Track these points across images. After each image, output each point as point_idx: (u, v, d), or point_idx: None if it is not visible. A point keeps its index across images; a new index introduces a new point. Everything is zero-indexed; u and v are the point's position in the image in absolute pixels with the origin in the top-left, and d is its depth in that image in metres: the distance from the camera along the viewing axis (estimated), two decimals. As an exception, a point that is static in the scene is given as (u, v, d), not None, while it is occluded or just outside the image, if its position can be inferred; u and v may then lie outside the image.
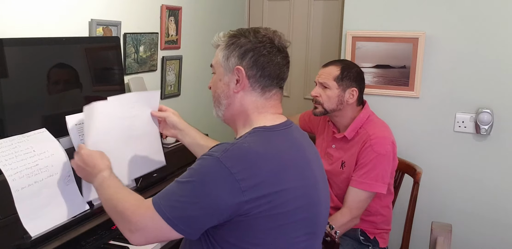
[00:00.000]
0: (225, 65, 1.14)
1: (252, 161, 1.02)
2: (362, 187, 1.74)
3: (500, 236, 2.18)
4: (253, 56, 1.11)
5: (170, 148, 1.89)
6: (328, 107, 1.83)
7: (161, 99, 2.34)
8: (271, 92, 1.15)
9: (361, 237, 1.86)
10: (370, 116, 1.86)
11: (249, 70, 1.12)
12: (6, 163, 1.21)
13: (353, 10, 2.29)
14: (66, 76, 1.62)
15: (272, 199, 1.01)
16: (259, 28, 1.16)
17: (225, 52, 1.14)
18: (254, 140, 1.07)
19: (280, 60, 1.14)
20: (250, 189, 0.99)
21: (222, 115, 1.20)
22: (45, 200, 1.29)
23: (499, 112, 2.09)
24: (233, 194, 0.99)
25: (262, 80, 1.13)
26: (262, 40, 1.13)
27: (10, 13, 1.53)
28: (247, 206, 1.00)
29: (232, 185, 0.99)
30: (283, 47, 1.16)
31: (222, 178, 0.99)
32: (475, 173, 2.19)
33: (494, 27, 2.05)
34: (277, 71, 1.14)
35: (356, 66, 1.88)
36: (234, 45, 1.13)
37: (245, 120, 1.16)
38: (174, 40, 2.36)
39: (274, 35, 1.16)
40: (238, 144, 1.04)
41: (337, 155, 1.89)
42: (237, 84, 1.13)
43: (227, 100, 1.16)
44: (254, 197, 1.00)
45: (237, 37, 1.14)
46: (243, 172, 1.00)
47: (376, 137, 1.76)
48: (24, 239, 1.22)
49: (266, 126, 1.12)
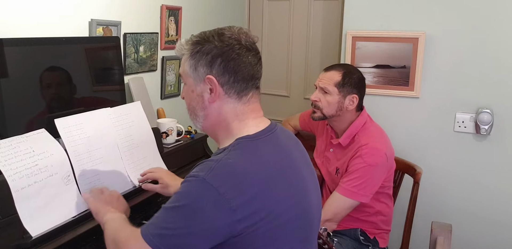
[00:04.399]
0: (194, 76, 1.07)
1: (239, 177, 0.97)
2: (343, 193, 1.72)
3: (500, 236, 2.18)
4: (222, 62, 1.04)
5: (170, 148, 1.89)
6: (327, 113, 1.82)
7: (161, 99, 2.34)
8: (248, 95, 1.09)
9: (361, 237, 1.86)
10: (366, 124, 1.83)
11: (221, 78, 1.05)
12: (5, 163, 1.21)
13: (353, 10, 2.29)
14: (66, 76, 1.62)
15: (265, 213, 0.98)
16: (223, 30, 1.08)
17: (192, 62, 1.07)
18: (239, 153, 1.02)
19: (252, 59, 1.07)
20: (241, 206, 0.95)
21: (201, 126, 1.14)
22: (45, 200, 1.29)
23: (499, 112, 2.09)
24: (224, 215, 0.94)
25: (237, 85, 1.06)
26: (229, 43, 1.05)
27: (10, 13, 1.53)
28: (240, 226, 0.95)
29: (222, 205, 0.94)
30: (251, 44, 1.08)
31: (211, 199, 0.94)
32: (475, 173, 2.19)
33: (494, 27, 2.05)
34: (250, 72, 1.07)
35: (358, 72, 1.86)
36: (200, 53, 1.05)
37: (226, 130, 1.10)
38: (174, 40, 2.36)
39: (240, 34, 1.07)
40: (223, 160, 0.99)
41: (333, 160, 1.89)
42: (211, 93, 1.06)
43: (204, 111, 1.10)
44: (246, 215, 0.95)
45: (200, 43, 1.06)
46: (232, 190, 0.95)
47: (367, 147, 1.73)
48: (24, 239, 1.22)
49: (250, 135, 1.07)
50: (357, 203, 1.73)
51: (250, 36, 1.09)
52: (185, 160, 1.98)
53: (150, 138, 1.74)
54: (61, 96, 1.60)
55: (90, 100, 1.70)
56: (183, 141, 1.99)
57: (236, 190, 0.95)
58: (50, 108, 1.55)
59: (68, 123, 1.47)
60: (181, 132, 2.01)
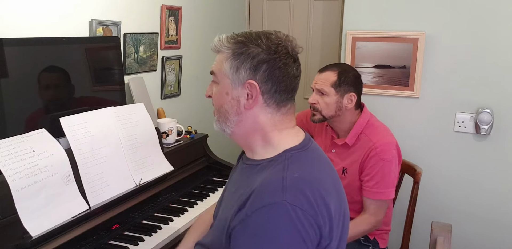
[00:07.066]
0: (233, 78, 0.99)
1: (313, 193, 0.92)
2: (377, 197, 1.75)
3: (500, 236, 2.18)
4: (267, 69, 0.97)
5: (170, 148, 1.89)
6: (326, 115, 1.81)
7: (161, 99, 2.34)
8: (287, 107, 1.03)
9: (361, 238, 1.86)
10: (369, 121, 1.83)
11: (263, 85, 0.98)
12: (5, 163, 1.21)
13: (353, 10, 2.29)
14: (66, 76, 1.62)
15: (331, 227, 0.95)
16: (270, 34, 1.01)
17: (234, 62, 0.99)
18: (298, 167, 0.97)
19: (295, 71, 1.01)
20: (323, 225, 0.92)
21: (230, 132, 1.05)
22: (45, 200, 1.29)
23: (499, 112, 2.09)
24: (315, 234, 0.91)
25: (277, 96, 1.00)
26: (278, 50, 0.98)
27: (10, 13, 1.53)
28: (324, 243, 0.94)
29: (311, 225, 0.90)
30: (297, 55, 1.03)
31: (305, 221, 0.89)
32: (475, 173, 2.19)
33: (494, 27, 2.05)
34: (292, 84, 1.01)
35: (353, 70, 1.85)
36: (245, 55, 0.98)
37: (263, 139, 1.04)
38: (174, 40, 2.36)
39: (287, 41, 1.01)
40: (289, 177, 0.93)
41: (337, 160, 1.88)
42: (249, 99, 1.00)
43: (238, 117, 1.02)
44: (327, 232, 0.94)
45: (246, 45, 0.99)
46: (312, 208, 0.91)
47: (380, 144, 1.75)
48: (24, 239, 1.22)
49: (297, 146, 1.02)
50: (390, 200, 1.79)
51: (296, 46, 1.03)
52: (185, 160, 1.98)
53: (153, 137, 1.74)
54: (61, 96, 1.60)
55: (90, 100, 1.70)
56: (183, 141, 1.99)
57: (314, 208, 0.92)
58: (50, 109, 1.55)
59: (73, 122, 1.48)
60: (181, 132, 2.00)
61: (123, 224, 1.54)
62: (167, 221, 1.61)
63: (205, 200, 1.83)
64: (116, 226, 1.51)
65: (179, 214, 1.68)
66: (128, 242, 1.45)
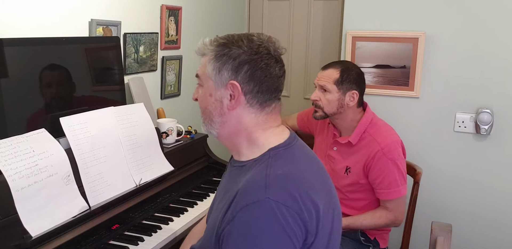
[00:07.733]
0: (216, 79, 1.01)
1: (297, 189, 0.93)
2: (392, 197, 1.76)
3: (500, 236, 2.18)
4: (249, 69, 0.99)
5: (170, 148, 1.89)
6: (328, 111, 1.82)
7: (161, 99, 2.34)
8: (271, 107, 1.04)
9: (362, 238, 1.86)
10: (373, 120, 1.84)
11: (245, 86, 0.99)
12: (5, 163, 1.21)
13: (353, 10, 2.29)
14: (66, 76, 1.62)
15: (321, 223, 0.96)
16: (252, 36, 1.02)
17: (216, 64, 1.00)
18: (282, 164, 0.98)
19: (278, 71, 1.02)
20: (309, 221, 0.93)
21: (216, 133, 1.07)
22: (45, 200, 1.29)
23: (499, 112, 2.09)
24: (300, 230, 0.91)
25: (260, 96, 1.01)
26: (259, 51, 1.00)
27: (10, 13, 1.53)
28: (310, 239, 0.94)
29: (296, 221, 0.91)
30: (279, 56, 1.04)
31: (290, 217, 0.90)
32: (475, 173, 2.19)
33: (494, 27, 2.05)
34: (275, 84, 1.02)
35: (356, 68, 1.86)
36: (226, 57, 0.99)
37: (248, 140, 1.05)
38: (174, 40, 2.36)
39: (269, 42, 1.02)
40: (273, 174, 0.94)
41: (339, 158, 1.88)
42: (232, 100, 1.01)
43: (221, 118, 1.03)
44: (314, 227, 0.94)
45: (228, 46, 1.00)
46: (297, 205, 0.92)
47: (386, 144, 1.75)
48: (24, 239, 1.22)
49: (281, 144, 1.03)
50: (405, 195, 1.81)
51: (278, 47, 1.04)
52: (185, 160, 1.98)
53: (153, 137, 1.74)
54: (60, 96, 1.60)
55: (90, 101, 1.70)
56: (183, 141, 1.99)
57: (299, 203, 0.93)
58: (50, 109, 1.55)
59: (73, 122, 1.48)
60: (181, 132, 2.00)
61: (123, 224, 1.54)
62: (167, 221, 1.61)
63: (205, 200, 1.83)
64: (116, 226, 1.51)
65: (179, 214, 1.68)
66: (128, 242, 1.45)
